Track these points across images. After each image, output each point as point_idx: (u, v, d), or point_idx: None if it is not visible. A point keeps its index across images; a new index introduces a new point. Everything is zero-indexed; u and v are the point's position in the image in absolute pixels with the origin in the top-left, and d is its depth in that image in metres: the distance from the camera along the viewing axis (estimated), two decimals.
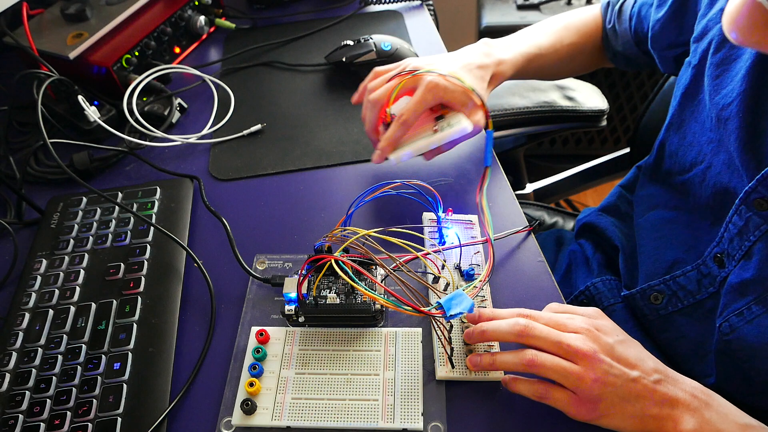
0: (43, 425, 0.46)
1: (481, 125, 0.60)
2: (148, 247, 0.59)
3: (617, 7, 0.73)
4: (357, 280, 0.46)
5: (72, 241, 0.61)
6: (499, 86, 0.68)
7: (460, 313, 0.45)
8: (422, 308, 0.45)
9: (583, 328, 0.45)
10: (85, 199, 0.65)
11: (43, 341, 0.52)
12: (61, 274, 0.58)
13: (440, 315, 0.45)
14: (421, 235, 0.56)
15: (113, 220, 0.62)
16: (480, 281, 0.51)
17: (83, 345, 0.51)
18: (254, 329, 0.51)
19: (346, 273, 0.46)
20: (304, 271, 0.49)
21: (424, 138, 0.60)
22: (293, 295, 0.50)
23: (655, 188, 0.65)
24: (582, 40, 0.74)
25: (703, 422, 0.42)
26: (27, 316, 0.54)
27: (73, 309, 0.54)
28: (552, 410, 0.44)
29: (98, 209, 0.64)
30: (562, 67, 0.76)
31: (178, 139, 0.72)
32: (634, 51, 0.72)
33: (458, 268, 0.55)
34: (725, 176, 0.53)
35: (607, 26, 0.74)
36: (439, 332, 0.48)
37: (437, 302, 0.45)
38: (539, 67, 0.72)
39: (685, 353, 0.58)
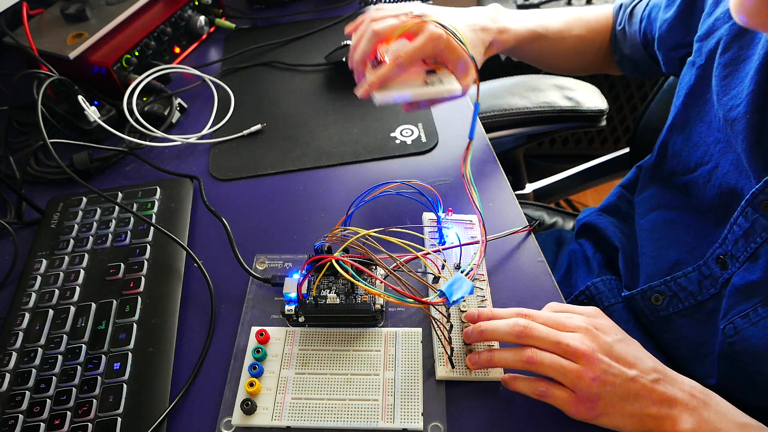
0: (43, 425, 0.46)
1: (469, 88, 0.59)
2: (148, 247, 0.59)
3: (629, 9, 0.72)
4: (358, 277, 0.46)
5: (72, 241, 0.61)
6: (498, 86, 0.68)
7: (462, 297, 0.45)
8: (424, 298, 0.45)
9: (582, 327, 0.45)
10: (85, 199, 0.65)
11: (43, 341, 0.52)
12: (61, 274, 0.58)
13: (443, 303, 0.45)
14: (421, 235, 0.56)
15: (113, 220, 0.62)
16: (477, 259, 0.51)
17: (83, 345, 0.51)
18: (254, 329, 0.51)
19: (347, 271, 0.46)
20: (304, 271, 0.49)
21: (413, 88, 0.58)
22: (293, 295, 0.50)
23: (657, 189, 0.65)
24: (591, 35, 0.74)
25: (702, 421, 0.42)
26: (27, 316, 0.54)
27: (73, 309, 0.54)
28: (552, 410, 0.44)
29: (98, 209, 0.64)
30: (566, 59, 0.76)
31: (178, 139, 0.72)
32: (641, 54, 0.71)
33: (458, 267, 0.55)
34: (732, 177, 0.53)
35: (617, 28, 0.74)
36: (438, 332, 0.48)
37: (438, 290, 0.45)
38: (541, 50, 0.71)
39: (685, 354, 0.58)
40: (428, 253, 0.51)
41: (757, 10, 0.38)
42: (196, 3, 0.88)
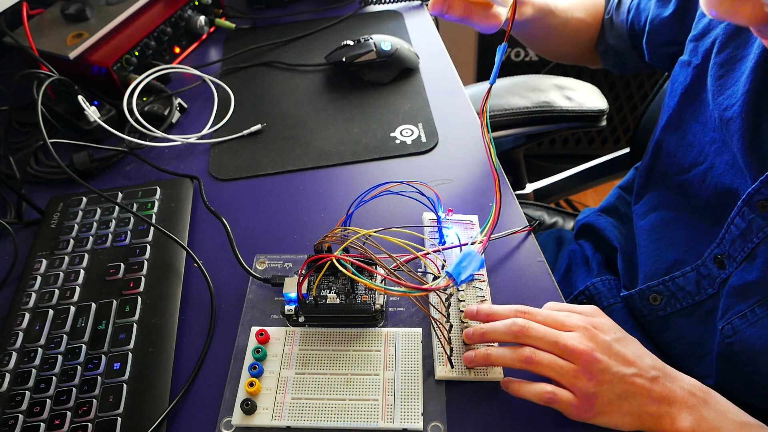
0: (43, 425, 0.46)
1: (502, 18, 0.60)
2: (148, 247, 0.59)
3: None
4: (358, 274, 0.46)
5: (72, 241, 0.61)
6: (498, 86, 0.68)
7: (472, 275, 0.43)
8: (427, 285, 0.44)
9: (581, 326, 0.45)
10: (85, 199, 0.65)
11: (43, 341, 0.52)
12: (61, 274, 0.58)
13: (450, 284, 0.44)
14: (421, 235, 0.56)
15: (113, 220, 0.62)
16: (491, 224, 0.51)
17: (83, 345, 0.51)
18: (254, 329, 0.51)
19: (347, 269, 0.46)
20: (303, 271, 0.49)
21: None
22: (293, 295, 0.50)
23: (654, 189, 0.65)
24: (588, 19, 0.74)
25: (701, 420, 0.42)
26: (27, 316, 0.54)
27: (73, 309, 0.54)
28: (551, 409, 0.44)
29: (98, 209, 0.64)
30: (567, 41, 0.76)
31: (178, 139, 0.72)
32: (626, 46, 0.71)
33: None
34: (728, 177, 0.53)
35: (605, 17, 0.74)
36: (438, 332, 0.48)
37: (445, 272, 0.45)
38: (550, 27, 0.71)
39: (683, 354, 0.58)
40: (428, 253, 0.51)
41: (719, 0, 0.38)
42: (196, 3, 0.88)
